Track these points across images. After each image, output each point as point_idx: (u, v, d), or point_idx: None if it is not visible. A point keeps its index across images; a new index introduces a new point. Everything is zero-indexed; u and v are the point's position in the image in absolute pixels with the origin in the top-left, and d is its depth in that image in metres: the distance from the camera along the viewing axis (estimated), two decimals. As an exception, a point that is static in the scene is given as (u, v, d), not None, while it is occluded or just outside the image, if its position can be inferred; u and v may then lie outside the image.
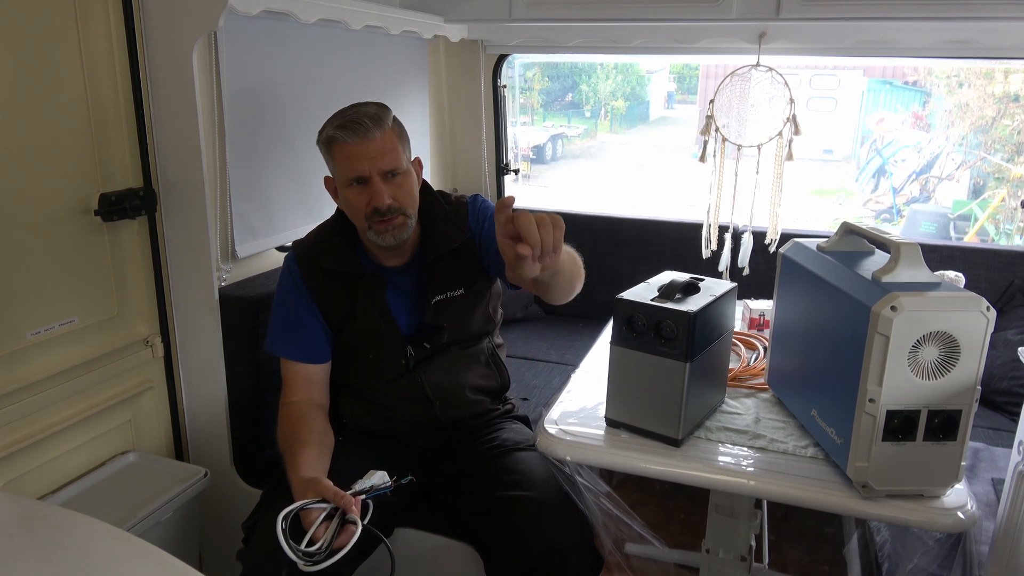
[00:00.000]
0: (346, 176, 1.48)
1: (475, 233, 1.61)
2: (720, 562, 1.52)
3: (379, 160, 1.45)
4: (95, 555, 1.00)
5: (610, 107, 14.16)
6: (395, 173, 1.48)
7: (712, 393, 1.44)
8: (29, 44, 1.49)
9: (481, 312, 1.66)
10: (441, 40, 2.79)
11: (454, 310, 1.59)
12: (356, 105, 1.51)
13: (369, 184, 1.46)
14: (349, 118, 1.45)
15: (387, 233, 1.48)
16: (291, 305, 1.60)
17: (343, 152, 1.46)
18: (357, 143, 1.44)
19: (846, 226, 1.40)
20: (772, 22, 2.22)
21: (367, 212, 1.47)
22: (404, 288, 1.59)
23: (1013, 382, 2.30)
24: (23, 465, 1.58)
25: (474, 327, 1.64)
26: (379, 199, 1.45)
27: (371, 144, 1.44)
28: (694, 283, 1.38)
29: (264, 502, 1.49)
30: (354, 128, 1.44)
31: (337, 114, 1.50)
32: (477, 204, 1.64)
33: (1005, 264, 2.51)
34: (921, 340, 1.10)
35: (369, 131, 1.44)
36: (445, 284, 1.58)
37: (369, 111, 1.47)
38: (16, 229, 1.51)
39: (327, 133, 1.48)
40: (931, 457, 1.16)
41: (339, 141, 1.45)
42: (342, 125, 1.45)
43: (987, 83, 9.10)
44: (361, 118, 1.45)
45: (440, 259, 1.57)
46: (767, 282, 1.58)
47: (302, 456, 1.41)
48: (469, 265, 1.61)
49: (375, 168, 1.45)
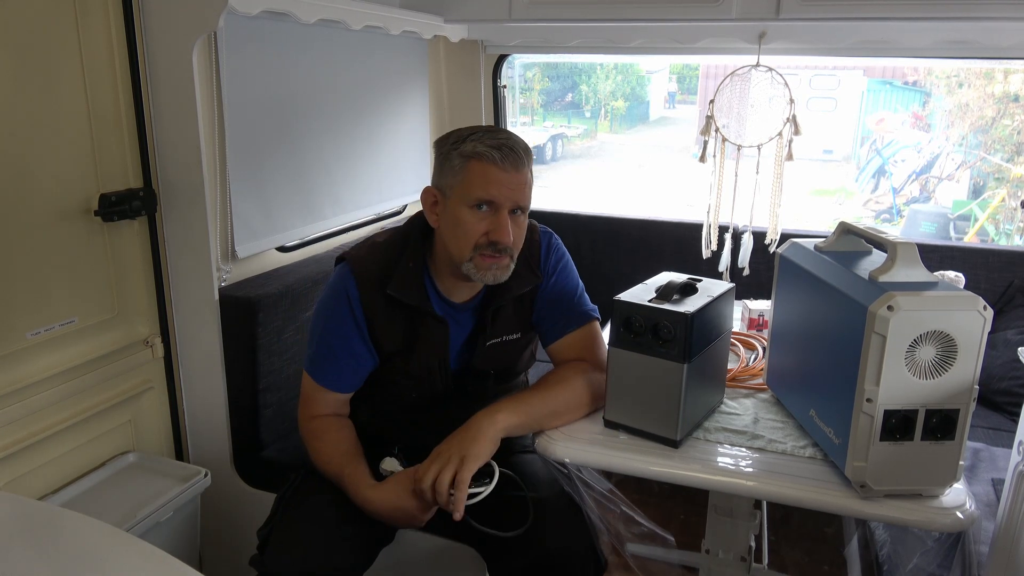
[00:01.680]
0: (475, 196, 1.34)
1: (544, 280, 1.53)
2: (720, 563, 1.52)
3: (516, 193, 1.35)
4: (95, 555, 1.00)
5: (610, 107, 14.17)
6: (520, 212, 1.39)
7: (711, 394, 1.44)
8: (29, 44, 1.49)
9: (528, 352, 1.62)
10: (441, 40, 2.79)
11: (505, 352, 1.53)
12: (504, 131, 1.40)
13: (497, 214, 1.35)
14: (503, 141, 1.35)
15: (489, 271, 1.37)
16: (342, 330, 1.45)
17: (485, 171, 1.33)
18: (505, 169, 1.33)
19: (844, 226, 1.40)
20: (772, 22, 2.22)
21: (480, 241, 1.35)
22: (464, 325, 1.51)
23: (1013, 382, 2.30)
24: (23, 465, 1.58)
25: (519, 367, 1.61)
26: (503, 234, 1.34)
27: (517, 176, 1.35)
28: (692, 284, 1.38)
29: (278, 509, 1.48)
30: (506, 153, 1.33)
31: (483, 131, 1.37)
32: (552, 249, 1.55)
33: (1005, 264, 2.51)
34: (918, 340, 1.11)
35: (521, 161, 1.35)
36: (504, 327, 1.51)
37: (521, 143, 1.38)
38: (16, 229, 1.51)
39: (473, 147, 1.34)
40: (929, 457, 1.16)
41: (486, 159, 1.33)
42: (497, 146, 1.34)
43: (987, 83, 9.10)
44: (516, 146, 1.35)
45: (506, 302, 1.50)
46: (767, 282, 1.58)
47: (357, 467, 1.42)
48: (529, 306, 1.54)
49: (510, 201, 1.35)
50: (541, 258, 1.53)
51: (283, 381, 2.00)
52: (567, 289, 1.54)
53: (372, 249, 1.49)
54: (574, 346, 1.52)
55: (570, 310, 1.53)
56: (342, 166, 2.35)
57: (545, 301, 1.53)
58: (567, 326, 1.52)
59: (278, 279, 2.01)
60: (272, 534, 1.42)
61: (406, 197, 2.74)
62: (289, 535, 1.39)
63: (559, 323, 1.52)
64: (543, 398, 1.40)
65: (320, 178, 2.26)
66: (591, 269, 2.95)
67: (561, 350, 1.53)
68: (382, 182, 2.58)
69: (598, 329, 1.55)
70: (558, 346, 1.53)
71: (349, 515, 1.41)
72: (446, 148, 1.39)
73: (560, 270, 1.54)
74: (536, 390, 1.43)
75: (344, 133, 2.34)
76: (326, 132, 2.26)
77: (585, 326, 1.52)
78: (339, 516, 1.40)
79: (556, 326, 1.52)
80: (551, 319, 1.53)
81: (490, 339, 1.50)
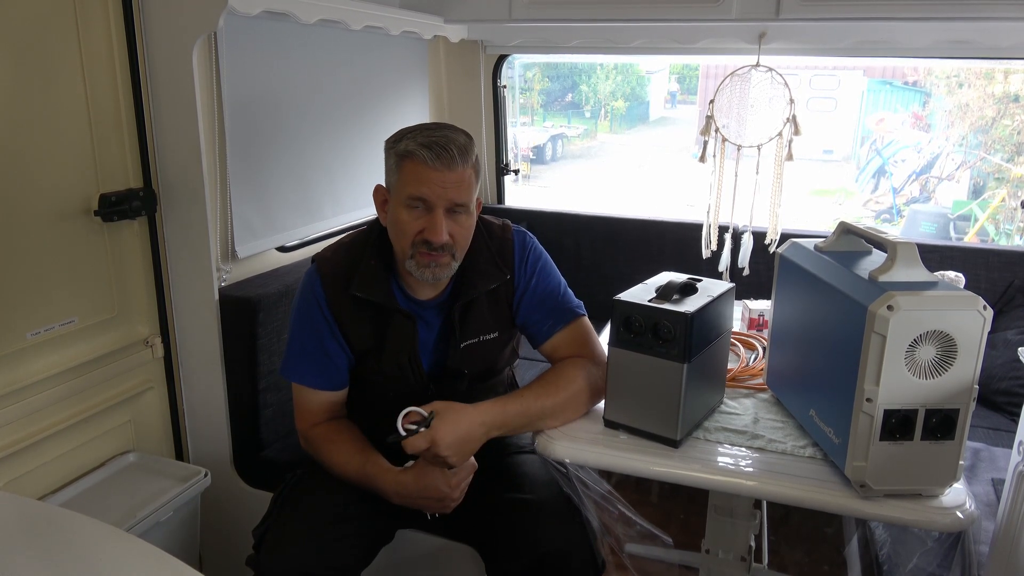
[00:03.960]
0: (408, 193, 1.35)
1: (518, 280, 1.52)
2: (720, 563, 1.52)
3: (451, 192, 1.34)
4: (95, 555, 1.01)
5: (610, 107, 14.16)
6: (460, 211, 1.38)
7: (710, 394, 1.44)
8: (29, 44, 1.49)
9: (509, 349, 1.61)
10: (441, 40, 2.79)
11: (483, 352, 1.52)
12: (444, 127, 1.39)
13: (431, 213, 1.35)
14: (437, 140, 1.33)
15: (428, 269, 1.37)
16: (312, 330, 1.47)
17: (416, 170, 1.34)
18: (436, 168, 1.33)
19: (843, 226, 1.40)
20: (772, 22, 2.22)
21: (416, 239, 1.36)
22: (432, 324, 1.50)
23: (1013, 382, 2.30)
24: (23, 465, 1.58)
25: (500, 365, 1.60)
26: (436, 233, 1.34)
27: (450, 175, 1.33)
28: (692, 284, 1.38)
29: (274, 509, 1.49)
30: (439, 153, 1.32)
31: (422, 128, 1.38)
32: (527, 250, 1.54)
33: (1005, 264, 2.51)
34: (918, 339, 1.11)
35: (453, 161, 1.33)
36: (478, 327, 1.49)
37: (459, 140, 1.36)
38: (16, 229, 1.51)
39: (406, 146, 1.35)
40: (929, 456, 1.16)
41: (417, 158, 1.33)
42: (427, 144, 1.33)
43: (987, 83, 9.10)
44: (450, 145, 1.33)
45: (475, 300, 1.48)
46: (767, 282, 1.58)
47: (377, 458, 1.43)
48: (506, 306, 1.52)
49: (444, 200, 1.34)
50: (515, 257, 1.52)
51: (283, 381, 1.99)
52: (550, 288, 1.54)
53: (337, 250, 1.51)
54: (567, 343, 1.52)
55: (556, 309, 1.53)
56: (342, 166, 2.35)
57: (529, 303, 1.52)
58: (555, 325, 1.52)
59: (278, 279, 2.01)
60: (267, 533, 1.42)
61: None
62: (284, 534, 1.39)
63: (547, 323, 1.52)
64: (538, 396, 1.40)
65: (320, 178, 2.26)
66: (591, 269, 2.97)
67: (554, 349, 1.53)
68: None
69: (588, 324, 1.55)
70: (551, 345, 1.53)
71: (345, 514, 1.41)
72: (388, 147, 1.42)
73: (540, 270, 1.54)
74: (531, 388, 1.43)
75: (344, 133, 2.34)
76: (326, 132, 2.26)
77: (574, 322, 1.53)
78: (335, 515, 1.41)
79: (544, 326, 1.52)
80: (538, 320, 1.53)
81: (465, 339, 1.49)
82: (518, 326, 1.56)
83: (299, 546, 1.36)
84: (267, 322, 1.90)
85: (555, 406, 1.40)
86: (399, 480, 1.38)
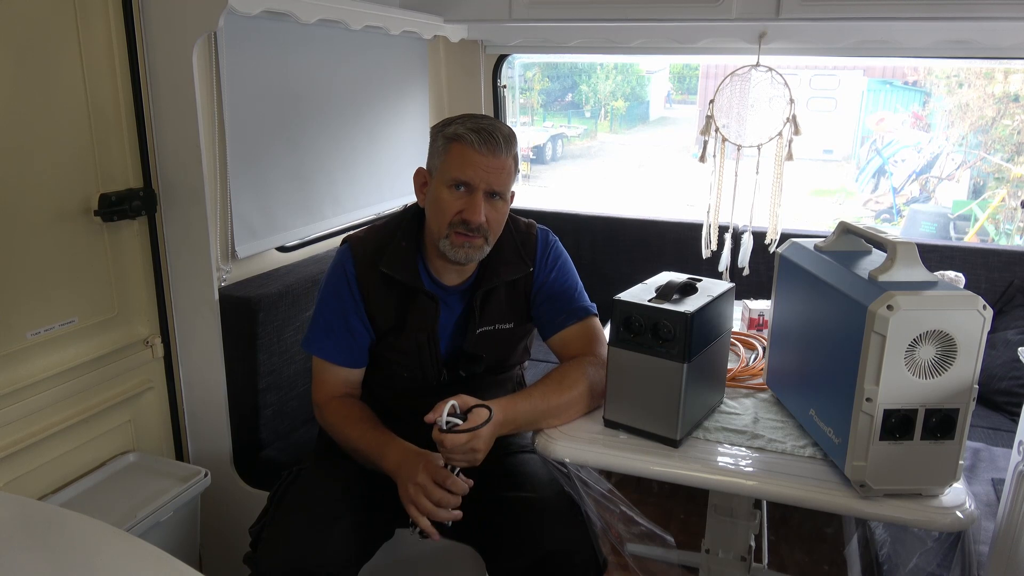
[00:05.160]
0: (453, 176, 1.42)
1: (538, 273, 1.58)
2: (719, 562, 1.52)
3: (492, 177, 1.42)
4: (95, 555, 1.01)
5: (610, 107, 14.16)
6: (499, 196, 1.45)
7: (710, 393, 1.44)
8: (29, 44, 1.49)
9: (522, 346, 1.66)
10: (441, 40, 2.79)
11: (497, 341, 1.57)
12: (491, 118, 1.48)
13: (472, 195, 1.42)
14: (484, 127, 1.42)
15: (462, 249, 1.44)
16: (339, 306, 1.53)
17: (463, 153, 1.41)
18: (483, 153, 1.41)
19: (843, 226, 1.40)
20: (772, 22, 2.22)
21: (454, 219, 1.43)
22: (454, 308, 1.56)
23: (1013, 382, 2.30)
24: (23, 465, 1.58)
25: (513, 359, 1.65)
26: (475, 213, 1.41)
27: (494, 160, 1.41)
28: (692, 283, 1.38)
29: (271, 507, 1.49)
30: (486, 138, 1.41)
31: (469, 117, 1.46)
32: (549, 246, 1.61)
33: (1005, 264, 2.51)
34: (918, 339, 1.11)
35: (498, 148, 1.42)
36: (495, 315, 1.56)
37: (504, 130, 1.45)
38: (16, 229, 1.51)
39: (455, 130, 1.43)
40: (929, 456, 1.16)
41: (465, 142, 1.41)
42: (476, 129, 1.41)
43: (987, 83, 9.10)
44: (496, 132, 1.42)
45: (495, 288, 1.54)
46: (767, 282, 1.58)
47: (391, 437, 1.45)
48: (524, 298, 1.59)
49: (485, 183, 1.42)
50: (538, 251, 1.59)
51: (283, 381, 2.00)
52: (566, 285, 1.59)
53: (371, 230, 1.59)
54: (576, 339, 1.55)
55: (569, 305, 1.57)
56: (342, 166, 2.35)
57: (544, 296, 1.57)
58: (567, 320, 1.56)
59: (278, 279, 2.01)
60: (264, 531, 1.43)
61: (406, 197, 2.73)
62: (281, 531, 1.39)
63: (558, 317, 1.57)
64: (545, 395, 1.41)
65: (320, 178, 2.26)
66: (591, 269, 2.96)
67: (562, 344, 1.56)
68: (382, 182, 2.58)
69: (598, 325, 1.58)
70: (558, 339, 1.56)
71: (342, 511, 1.41)
72: (435, 131, 1.49)
73: (559, 267, 1.60)
74: (538, 387, 1.44)
75: (344, 133, 2.34)
76: (326, 132, 2.26)
77: (584, 320, 1.57)
78: (331, 512, 1.41)
79: (555, 320, 1.57)
80: (550, 313, 1.57)
81: (481, 326, 1.54)
82: (532, 317, 1.60)
83: (295, 543, 1.36)
84: (267, 322, 1.90)
85: (560, 405, 1.42)
86: (409, 447, 1.41)
